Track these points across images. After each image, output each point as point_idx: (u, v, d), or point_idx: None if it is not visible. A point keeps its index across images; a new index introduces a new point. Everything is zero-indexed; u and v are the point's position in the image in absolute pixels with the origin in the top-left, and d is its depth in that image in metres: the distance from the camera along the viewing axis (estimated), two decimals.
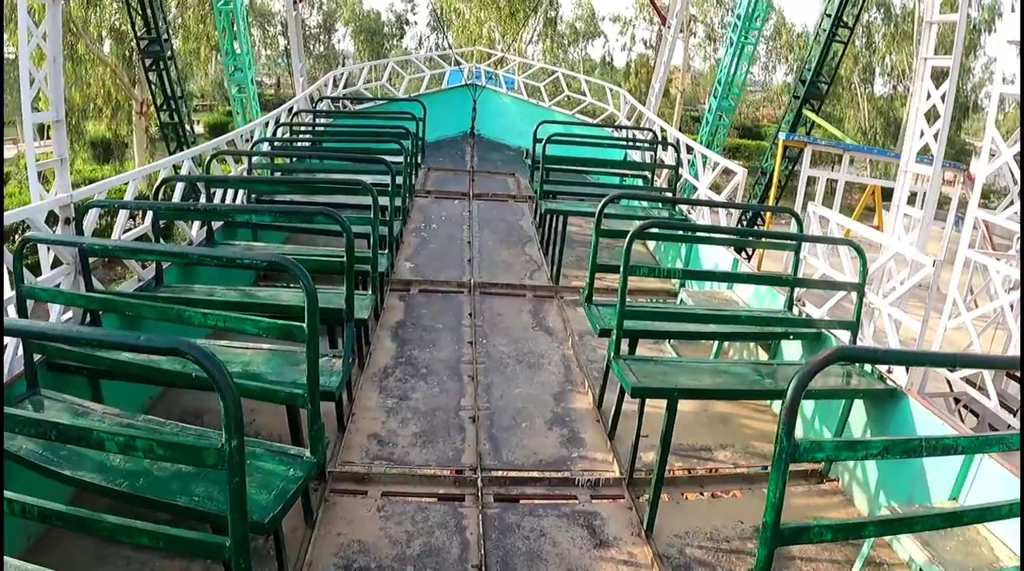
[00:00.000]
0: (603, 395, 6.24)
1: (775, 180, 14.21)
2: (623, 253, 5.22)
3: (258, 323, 3.95)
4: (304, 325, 3.76)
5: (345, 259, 5.20)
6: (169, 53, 18.63)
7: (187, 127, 19.53)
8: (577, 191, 10.72)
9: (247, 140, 10.25)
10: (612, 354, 5.28)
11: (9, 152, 32.44)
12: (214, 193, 8.37)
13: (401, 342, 7.24)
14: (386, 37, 50.94)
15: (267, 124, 11.46)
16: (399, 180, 8.45)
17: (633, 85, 40.03)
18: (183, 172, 7.92)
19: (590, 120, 16.95)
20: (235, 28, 18.31)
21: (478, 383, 6.50)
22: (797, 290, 6.59)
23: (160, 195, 6.85)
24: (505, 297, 8.62)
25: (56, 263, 5.27)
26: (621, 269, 5.23)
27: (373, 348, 7.00)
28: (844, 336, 5.93)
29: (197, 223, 7.64)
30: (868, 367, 5.56)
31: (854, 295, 5.91)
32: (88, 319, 5.22)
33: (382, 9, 51.51)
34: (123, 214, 6.33)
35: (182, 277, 6.71)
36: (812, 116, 18.95)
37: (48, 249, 5.23)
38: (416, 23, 51.70)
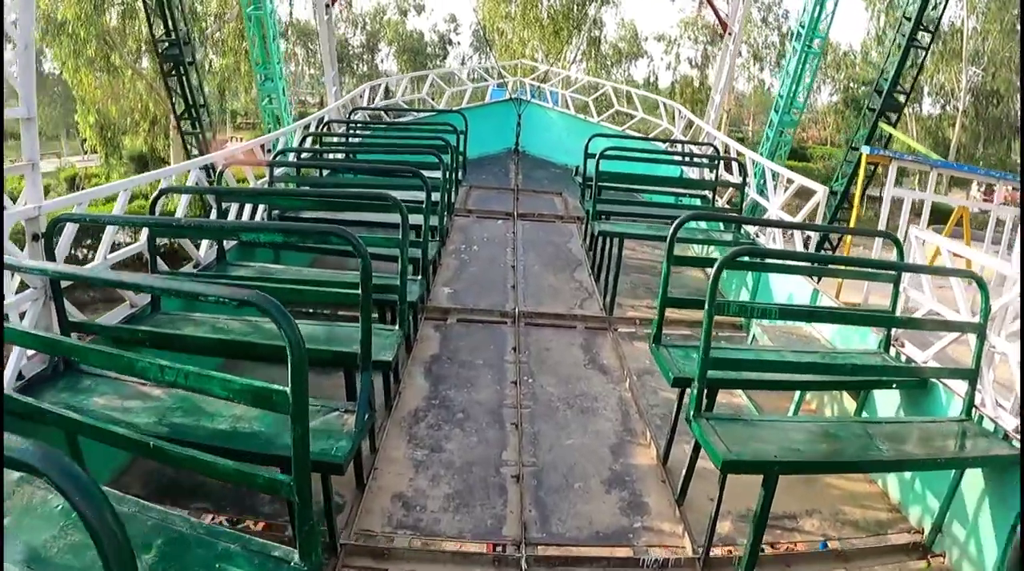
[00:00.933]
0: (669, 449, 5.29)
1: (857, 201, 13.02)
2: (708, 286, 4.21)
3: (228, 384, 2.90)
4: (287, 390, 2.67)
5: (361, 289, 4.13)
6: (190, 58, 17.89)
7: (208, 136, 18.71)
8: (631, 211, 9.79)
9: (269, 150, 9.42)
10: (691, 412, 4.26)
11: (51, 165, 32.86)
12: (228, 208, 7.49)
13: (435, 380, 6.35)
14: (429, 57, 50.89)
15: (293, 134, 10.69)
16: (436, 196, 7.52)
17: None
18: (190, 182, 7.08)
19: (641, 135, 16.00)
20: (265, 36, 17.59)
21: (523, 432, 5.58)
22: (895, 328, 5.54)
23: (158, 208, 5.93)
24: (553, 328, 7.70)
25: (24, 287, 4.40)
26: (706, 305, 4.20)
27: (403, 387, 6.11)
28: (957, 386, 4.85)
29: (206, 241, 6.76)
30: (990, 425, 4.54)
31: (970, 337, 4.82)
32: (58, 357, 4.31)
33: (425, 30, 51.42)
34: (110, 230, 5.48)
35: (183, 303, 5.75)
36: (890, 129, 17.70)
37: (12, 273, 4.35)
38: (459, 43, 51.66)
